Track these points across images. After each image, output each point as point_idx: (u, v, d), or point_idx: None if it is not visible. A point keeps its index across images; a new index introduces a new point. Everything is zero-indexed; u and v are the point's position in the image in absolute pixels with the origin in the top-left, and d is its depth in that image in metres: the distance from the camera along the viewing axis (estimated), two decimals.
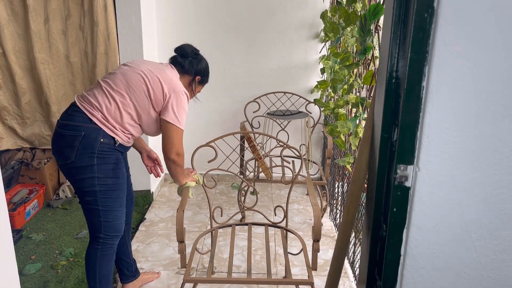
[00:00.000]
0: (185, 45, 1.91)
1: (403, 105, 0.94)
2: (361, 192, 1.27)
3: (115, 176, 1.70)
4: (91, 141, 1.63)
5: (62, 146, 1.65)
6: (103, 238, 1.74)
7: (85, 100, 1.69)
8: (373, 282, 1.14)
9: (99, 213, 1.70)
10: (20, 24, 2.71)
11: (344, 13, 1.93)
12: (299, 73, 3.31)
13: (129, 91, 1.69)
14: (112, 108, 1.67)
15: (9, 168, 2.88)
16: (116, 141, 1.69)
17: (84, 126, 1.63)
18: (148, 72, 1.72)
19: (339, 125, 1.88)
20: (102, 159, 1.65)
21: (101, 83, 1.73)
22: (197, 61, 1.89)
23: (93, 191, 1.66)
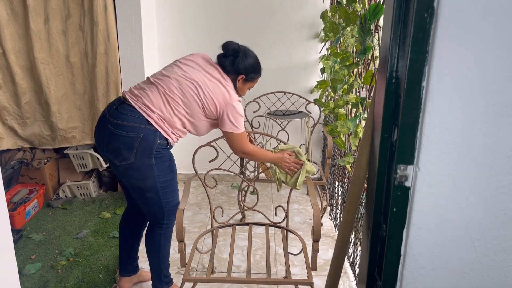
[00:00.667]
0: (227, 43, 1.85)
1: (403, 105, 0.94)
2: (361, 192, 1.27)
3: (171, 171, 1.81)
4: (150, 143, 1.68)
5: (120, 147, 1.67)
6: (166, 223, 1.88)
7: (139, 100, 1.73)
8: (373, 282, 1.14)
9: (162, 205, 1.82)
10: (20, 24, 2.71)
11: (344, 13, 1.93)
12: (299, 73, 3.31)
13: (183, 100, 1.74)
14: (167, 112, 1.73)
15: (9, 168, 2.89)
16: (169, 142, 1.77)
17: (141, 127, 1.67)
18: (203, 84, 1.75)
19: (339, 125, 1.88)
20: (159, 158, 1.73)
21: (156, 85, 1.76)
22: (238, 60, 1.81)
23: (155, 189, 1.76)
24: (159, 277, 1.99)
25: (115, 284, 2.21)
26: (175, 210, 1.87)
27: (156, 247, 1.91)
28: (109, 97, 2.97)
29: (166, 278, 2.01)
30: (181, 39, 3.26)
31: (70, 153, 3.10)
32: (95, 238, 2.65)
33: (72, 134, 3.00)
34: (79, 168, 3.17)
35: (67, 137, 2.98)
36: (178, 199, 1.90)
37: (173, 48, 3.28)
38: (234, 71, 1.82)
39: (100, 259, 2.43)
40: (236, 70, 1.82)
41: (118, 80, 2.95)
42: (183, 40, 3.26)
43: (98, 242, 2.61)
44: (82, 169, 3.18)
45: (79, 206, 3.06)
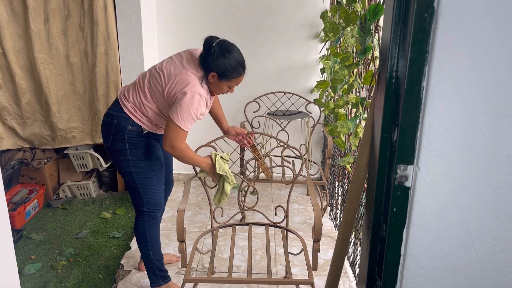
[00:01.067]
0: (207, 37, 1.81)
1: (403, 105, 0.94)
2: (361, 192, 1.27)
3: (147, 159, 1.89)
4: (121, 129, 1.83)
5: (103, 132, 1.90)
6: (146, 211, 1.96)
7: (123, 93, 1.90)
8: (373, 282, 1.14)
9: (139, 191, 1.92)
10: (20, 24, 2.71)
11: (344, 13, 1.93)
12: (299, 73, 3.31)
13: (149, 89, 1.84)
14: (138, 102, 1.85)
15: (9, 168, 2.89)
16: (143, 129, 1.86)
17: (117, 115, 1.85)
18: (168, 74, 1.79)
19: (339, 125, 1.88)
20: (132, 144, 1.85)
21: (137, 77, 1.91)
22: (211, 57, 1.74)
23: (130, 171, 1.88)
24: (153, 271, 2.02)
25: (115, 284, 2.21)
26: (156, 202, 1.97)
27: (142, 235, 1.99)
28: (109, 97, 2.97)
29: (161, 272, 2.03)
30: (181, 39, 3.25)
31: (70, 153, 3.11)
32: (95, 238, 2.65)
33: (72, 134, 3.00)
34: (79, 168, 3.17)
35: (67, 137, 2.98)
36: (158, 191, 1.97)
37: (173, 48, 3.25)
38: (204, 66, 1.77)
39: (100, 259, 2.43)
40: (207, 66, 1.76)
41: (118, 80, 2.95)
42: (183, 40, 3.26)
43: (98, 242, 2.61)
44: (82, 169, 3.18)
45: (79, 206, 3.06)
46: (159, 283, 2.04)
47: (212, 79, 1.79)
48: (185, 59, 1.82)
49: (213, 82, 1.79)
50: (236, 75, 1.80)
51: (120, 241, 2.62)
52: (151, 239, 1.99)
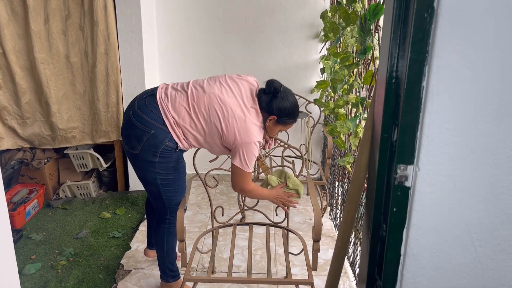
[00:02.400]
0: (271, 80, 1.78)
1: (403, 105, 0.94)
2: (361, 192, 1.27)
3: (175, 172, 1.83)
4: (157, 142, 1.73)
5: (131, 136, 1.77)
6: (169, 218, 1.94)
7: (166, 99, 1.77)
8: (373, 282, 1.14)
9: (163, 200, 1.88)
10: (20, 24, 2.71)
11: (344, 13, 1.93)
12: (299, 73, 3.31)
13: (206, 119, 1.74)
14: (186, 122, 1.75)
15: (9, 168, 2.89)
16: (178, 146, 1.78)
17: (155, 125, 1.73)
18: (231, 114, 1.71)
19: (339, 125, 1.88)
20: (164, 158, 1.77)
21: (189, 92, 1.77)
22: (275, 100, 1.73)
23: (156, 184, 1.82)
24: (164, 270, 2.06)
25: (115, 284, 2.21)
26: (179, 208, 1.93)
27: (160, 241, 1.99)
28: (109, 97, 2.97)
29: (171, 272, 2.07)
30: (181, 39, 3.26)
31: (70, 153, 3.11)
32: (95, 238, 2.66)
33: (72, 134, 3.01)
34: (79, 168, 3.17)
35: (67, 137, 2.98)
36: (182, 196, 1.93)
37: (173, 48, 3.28)
38: (267, 109, 1.75)
39: (100, 259, 2.43)
40: (270, 109, 1.75)
41: (118, 80, 2.95)
42: (183, 40, 3.26)
43: (98, 242, 2.61)
44: (82, 169, 3.18)
45: (79, 206, 3.06)
46: (167, 280, 2.08)
47: (268, 123, 1.78)
48: (245, 96, 1.76)
49: (268, 125, 1.80)
50: (292, 120, 1.81)
51: (120, 241, 2.63)
52: (168, 245, 2.00)
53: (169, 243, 2.00)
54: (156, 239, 2.01)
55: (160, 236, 1.99)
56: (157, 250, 2.03)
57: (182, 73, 3.33)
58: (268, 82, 1.78)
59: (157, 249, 2.03)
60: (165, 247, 2.00)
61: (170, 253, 2.02)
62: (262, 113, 1.77)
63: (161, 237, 1.99)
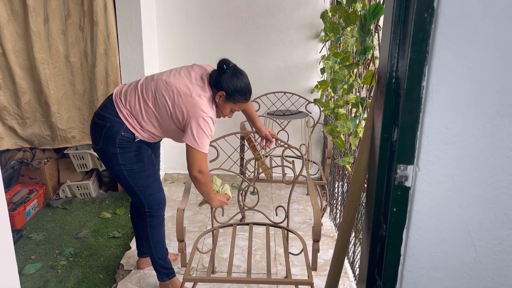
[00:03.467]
0: (221, 59, 1.83)
1: (403, 105, 0.94)
2: (361, 192, 1.27)
3: (138, 161, 1.86)
4: (113, 133, 1.79)
5: (93, 133, 1.87)
6: (148, 211, 1.96)
7: (120, 95, 1.85)
8: (373, 282, 1.14)
9: (136, 192, 1.91)
10: (20, 24, 2.71)
11: (344, 13, 1.93)
12: (299, 73, 3.31)
13: (154, 105, 1.79)
14: (137, 110, 1.80)
15: (9, 168, 2.88)
16: (136, 137, 1.82)
17: (110, 118, 1.80)
18: (176, 92, 1.75)
19: (339, 125, 1.88)
20: (123, 148, 1.81)
21: (139, 83, 1.85)
22: (224, 76, 1.76)
23: (123, 175, 1.86)
24: (157, 268, 2.06)
25: (115, 284, 2.21)
26: (156, 200, 1.97)
27: (144, 235, 2.02)
28: None
29: (164, 269, 2.07)
30: (181, 39, 3.26)
31: (70, 153, 3.10)
32: (95, 238, 2.65)
33: (72, 134, 3.01)
34: (79, 168, 3.17)
35: (67, 137, 2.98)
36: (157, 189, 1.96)
37: (173, 48, 3.28)
38: (215, 85, 1.78)
39: (100, 259, 2.43)
40: (218, 84, 1.76)
41: (118, 80, 2.95)
42: (183, 40, 3.26)
43: (98, 242, 2.61)
44: (82, 169, 3.18)
45: (79, 206, 3.06)
46: (163, 279, 2.08)
47: (218, 99, 1.79)
48: (194, 77, 1.80)
49: (219, 102, 1.80)
50: (242, 99, 1.82)
51: (120, 241, 2.62)
52: (153, 239, 2.01)
53: (154, 237, 2.01)
54: (141, 233, 2.03)
55: (144, 230, 2.00)
56: (146, 248, 2.05)
57: None
58: (219, 61, 1.81)
59: (145, 246, 2.05)
60: (150, 242, 2.01)
61: (157, 248, 2.02)
62: (212, 89, 1.78)
63: (145, 231, 2.00)
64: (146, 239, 2.02)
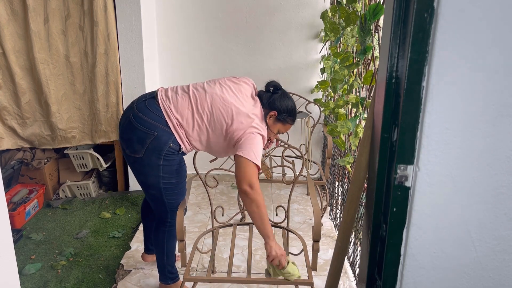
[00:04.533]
0: (271, 80, 1.88)
1: (403, 105, 0.94)
2: (361, 192, 1.27)
3: (178, 175, 1.81)
4: (161, 144, 1.70)
5: (133, 139, 1.72)
6: (170, 222, 1.92)
7: (168, 101, 1.75)
8: (373, 282, 1.14)
9: (165, 204, 1.85)
10: (20, 24, 2.71)
11: (344, 13, 1.93)
12: (299, 73, 3.31)
13: (209, 120, 1.73)
14: (189, 123, 1.73)
15: (9, 168, 2.89)
16: (181, 148, 1.76)
17: (159, 127, 1.70)
18: (235, 111, 1.71)
19: (339, 125, 1.88)
20: (167, 160, 1.74)
21: (190, 94, 1.76)
22: (275, 96, 1.80)
23: (158, 188, 1.79)
24: (163, 272, 2.05)
25: (115, 284, 2.21)
26: None
27: (160, 243, 1.97)
28: (109, 97, 2.97)
29: (170, 274, 2.06)
30: (181, 39, 3.26)
31: (70, 153, 3.11)
32: (95, 238, 2.65)
33: (72, 134, 3.01)
34: (79, 168, 3.17)
35: (67, 137, 2.98)
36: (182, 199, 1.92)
37: (173, 48, 3.28)
38: (269, 105, 1.79)
39: (100, 259, 2.43)
40: (271, 104, 1.79)
41: (118, 80, 2.95)
42: (183, 40, 3.26)
43: (98, 242, 2.61)
44: (82, 169, 3.18)
45: (79, 206, 3.06)
46: (167, 282, 2.07)
47: (269, 119, 1.80)
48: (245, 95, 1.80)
49: (269, 122, 1.81)
50: (291, 120, 1.84)
51: (120, 241, 2.62)
52: (168, 248, 1.99)
53: (169, 246, 1.99)
54: (156, 242, 1.99)
55: (161, 239, 1.97)
56: (157, 253, 2.02)
57: (182, 73, 3.33)
58: (268, 82, 1.87)
59: (157, 251, 2.02)
60: (165, 250, 1.99)
61: (170, 256, 2.02)
62: (263, 109, 1.80)
63: (161, 240, 1.97)
64: (161, 247, 1.98)
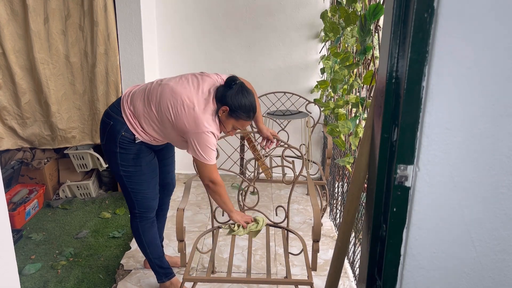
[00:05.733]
0: (231, 75, 1.81)
1: (403, 105, 0.94)
2: (361, 192, 1.27)
3: (136, 165, 1.87)
4: (115, 132, 1.81)
5: (100, 129, 1.90)
6: (138, 212, 1.98)
7: (128, 95, 1.88)
8: (373, 282, 1.14)
9: (129, 193, 1.94)
10: (20, 24, 2.71)
11: (344, 13, 1.93)
12: (299, 73, 3.31)
13: (157, 111, 1.78)
14: (139, 113, 1.81)
15: (9, 168, 2.88)
16: (136, 138, 1.83)
17: (114, 117, 1.83)
18: (179, 102, 1.72)
19: (339, 125, 1.88)
20: (123, 148, 1.83)
21: (148, 85, 1.86)
22: (230, 91, 1.74)
23: (119, 175, 1.89)
24: (154, 269, 2.08)
25: (115, 284, 2.21)
26: (147, 205, 1.97)
27: (137, 235, 2.03)
28: (109, 97, 2.97)
29: (161, 269, 2.08)
30: (181, 39, 3.26)
31: (70, 153, 3.10)
32: (95, 238, 2.65)
33: (72, 134, 3.00)
34: (79, 168, 3.17)
35: (67, 137, 2.98)
36: (149, 195, 1.96)
37: (173, 48, 3.28)
38: (220, 98, 1.75)
39: (100, 259, 2.43)
40: (222, 98, 1.74)
41: (118, 80, 2.95)
42: (183, 40, 3.26)
43: (98, 242, 2.61)
44: (82, 169, 3.18)
45: (79, 206, 3.06)
46: (162, 280, 2.08)
47: (221, 114, 1.76)
48: (201, 89, 1.77)
49: (222, 117, 1.77)
50: (245, 117, 1.78)
51: (120, 241, 2.62)
52: (146, 239, 2.02)
53: (147, 238, 2.02)
54: (134, 236, 2.04)
55: (135, 231, 2.02)
56: (140, 248, 2.06)
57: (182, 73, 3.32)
58: (229, 76, 1.80)
59: (139, 247, 2.06)
60: (143, 242, 2.02)
61: (152, 249, 2.04)
62: (216, 103, 1.76)
63: (137, 234, 2.02)
64: (139, 239, 2.03)
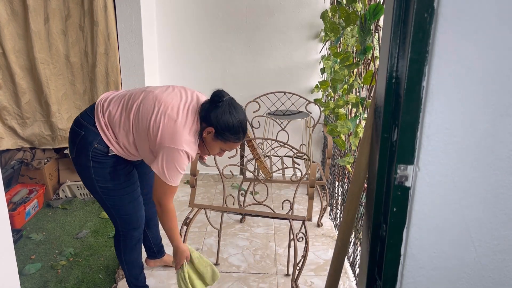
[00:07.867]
0: (217, 90, 1.58)
1: (403, 105, 0.94)
2: (361, 192, 1.27)
3: (114, 179, 1.67)
4: (87, 143, 1.60)
5: (69, 139, 1.68)
6: (122, 231, 1.81)
7: (104, 102, 1.66)
8: (373, 282, 1.14)
9: (110, 211, 1.74)
10: (20, 24, 2.71)
11: (344, 13, 1.93)
12: (299, 73, 3.31)
13: (136, 116, 1.58)
14: (115, 120, 1.61)
15: (9, 168, 2.88)
16: (110, 150, 1.63)
17: (86, 127, 1.61)
18: (162, 109, 1.53)
19: (339, 125, 1.88)
20: (97, 162, 1.62)
21: (128, 92, 1.66)
22: (217, 110, 1.52)
23: (96, 191, 1.68)
24: (130, 285, 2.00)
25: (115, 284, 2.21)
26: (132, 221, 1.79)
27: (118, 253, 1.90)
28: None
29: (136, 287, 1.99)
30: (181, 39, 3.26)
31: None
32: (95, 238, 2.65)
33: None
34: None
35: (67, 137, 2.98)
36: (133, 209, 1.77)
37: (173, 48, 3.28)
38: (205, 117, 1.54)
39: (100, 259, 2.43)
40: (207, 117, 1.53)
41: (118, 80, 2.95)
42: (183, 40, 3.26)
43: (98, 242, 2.61)
44: None
45: (79, 206, 3.06)
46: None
47: (206, 136, 1.57)
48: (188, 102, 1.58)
49: (207, 139, 1.58)
50: (234, 139, 1.58)
51: None
52: (126, 259, 1.90)
53: (127, 257, 1.89)
54: (115, 250, 1.90)
55: (117, 249, 1.88)
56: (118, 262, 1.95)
57: (182, 73, 3.33)
58: (215, 91, 1.58)
59: (119, 262, 1.94)
60: (123, 261, 1.90)
61: (130, 267, 1.92)
62: (201, 122, 1.56)
63: (118, 249, 1.88)
64: (119, 257, 1.90)
